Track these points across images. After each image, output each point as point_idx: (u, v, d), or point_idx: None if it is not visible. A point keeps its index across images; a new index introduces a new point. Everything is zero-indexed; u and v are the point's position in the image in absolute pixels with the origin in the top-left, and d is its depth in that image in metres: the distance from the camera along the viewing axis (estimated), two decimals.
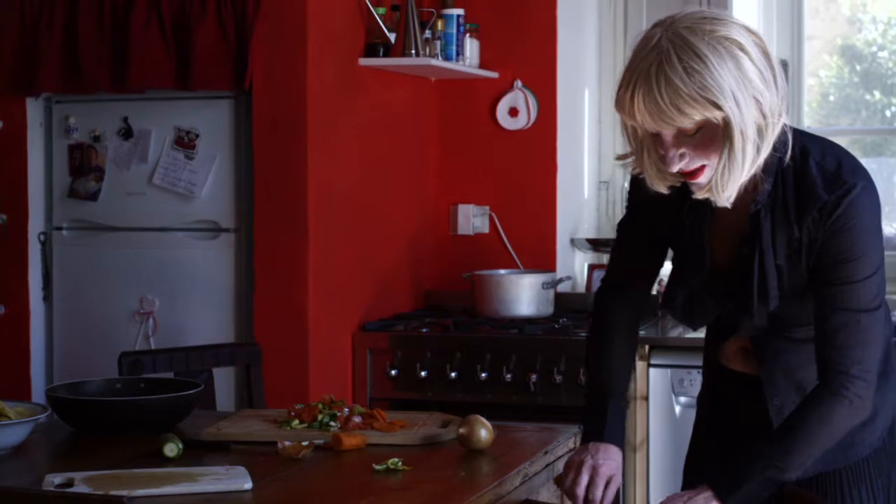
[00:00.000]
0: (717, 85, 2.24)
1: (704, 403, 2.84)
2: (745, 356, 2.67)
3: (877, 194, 2.45)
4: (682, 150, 2.33)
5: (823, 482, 2.60)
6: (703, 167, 2.34)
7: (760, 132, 2.32)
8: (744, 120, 2.28)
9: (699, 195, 2.39)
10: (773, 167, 2.43)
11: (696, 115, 2.26)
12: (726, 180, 2.33)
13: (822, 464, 2.53)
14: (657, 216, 2.62)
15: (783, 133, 2.39)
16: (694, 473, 2.81)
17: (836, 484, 2.60)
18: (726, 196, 2.36)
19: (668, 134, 2.32)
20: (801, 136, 2.48)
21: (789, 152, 2.42)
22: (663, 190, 2.43)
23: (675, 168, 2.34)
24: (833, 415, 2.43)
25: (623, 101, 2.31)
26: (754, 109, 2.29)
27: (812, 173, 2.42)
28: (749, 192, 2.45)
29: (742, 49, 2.28)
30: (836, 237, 2.40)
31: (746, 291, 2.50)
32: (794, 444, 2.43)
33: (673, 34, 2.28)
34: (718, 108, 2.25)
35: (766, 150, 2.35)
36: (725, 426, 2.74)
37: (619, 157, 2.50)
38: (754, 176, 2.41)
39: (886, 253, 5.25)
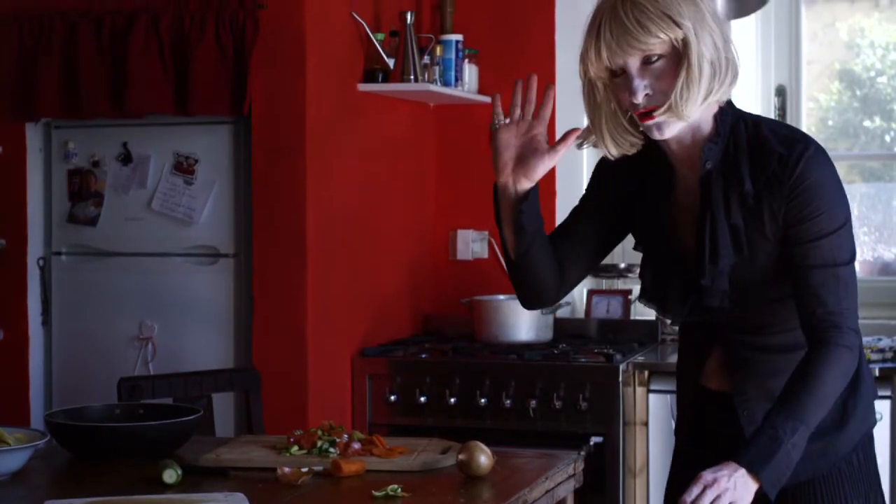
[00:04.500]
0: (677, 8, 2.43)
1: (682, 431, 2.83)
2: (723, 373, 2.68)
3: (829, 157, 2.53)
4: (645, 81, 2.45)
5: (797, 495, 2.59)
6: (657, 107, 2.45)
7: (715, 66, 2.46)
8: (700, 43, 2.44)
9: (659, 116, 2.47)
10: (726, 130, 2.54)
11: (659, 32, 2.42)
12: (685, 98, 2.45)
13: (793, 475, 2.49)
14: (614, 199, 2.70)
15: (730, 104, 2.56)
16: None
17: (810, 496, 2.60)
18: (686, 114, 2.46)
19: (633, 66, 2.45)
20: (754, 115, 2.62)
21: (729, 120, 2.54)
22: (615, 153, 2.57)
23: (640, 97, 2.45)
24: (841, 363, 2.47)
25: (589, 46, 2.48)
26: (710, 42, 2.45)
27: (765, 134, 2.53)
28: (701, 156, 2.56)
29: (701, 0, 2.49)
30: (800, 196, 2.48)
31: (700, 253, 2.55)
32: (815, 396, 2.43)
33: None
34: (678, 26, 2.42)
35: (719, 87, 2.48)
36: (704, 450, 2.72)
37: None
38: (708, 137, 2.53)
39: (886, 278, 5.26)
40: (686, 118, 2.47)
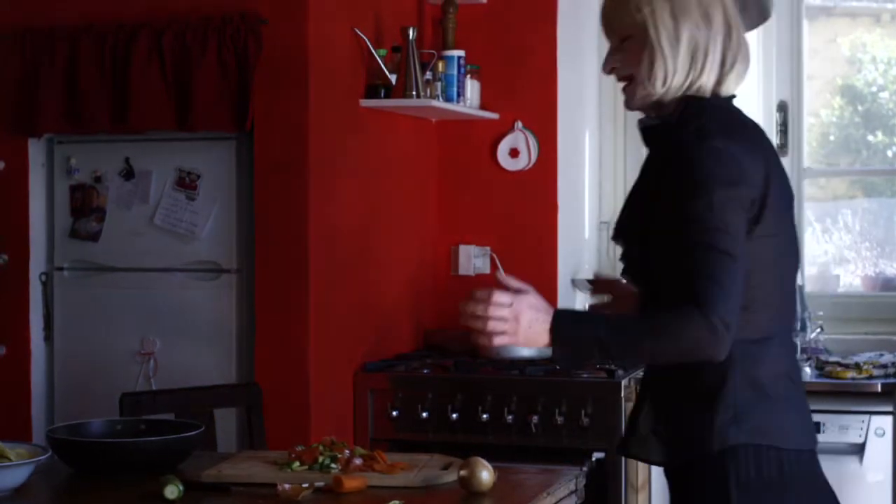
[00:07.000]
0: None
1: None
2: None
3: (734, 159, 2.49)
4: (616, 56, 2.63)
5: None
6: (631, 78, 2.61)
7: (694, 52, 2.58)
8: (667, 27, 2.56)
9: (626, 95, 2.65)
10: (678, 116, 2.60)
11: (624, 17, 2.58)
12: (646, 74, 2.58)
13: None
14: None
15: (701, 98, 2.62)
16: None
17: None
18: (652, 84, 2.57)
19: (612, 43, 2.65)
20: (717, 116, 2.65)
21: (691, 109, 2.60)
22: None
23: (607, 68, 2.65)
24: (687, 322, 2.37)
25: None
26: (686, 30, 2.57)
27: (689, 129, 2.55)
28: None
29: None
30: (674, 167, 2.49)
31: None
32: (632, 327, 2.47)
33: None
34: (639, 10, 2.56)
35: (699, 75, 2.60)
36: None
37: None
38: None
39: (887, 294, 5.24)
40: (653, 93, 2.58)
